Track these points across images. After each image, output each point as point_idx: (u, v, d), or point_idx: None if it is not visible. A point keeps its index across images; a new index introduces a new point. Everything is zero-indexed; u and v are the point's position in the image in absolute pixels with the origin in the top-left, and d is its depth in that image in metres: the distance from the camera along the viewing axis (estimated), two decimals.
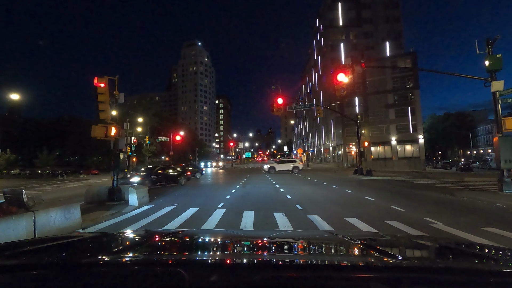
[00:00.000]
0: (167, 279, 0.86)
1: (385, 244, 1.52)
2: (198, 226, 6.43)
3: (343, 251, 1.43)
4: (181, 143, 49.90)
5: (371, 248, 1.37)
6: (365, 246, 1.38)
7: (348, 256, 1.32)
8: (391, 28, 47.73)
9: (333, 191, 12.76)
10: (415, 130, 41.23)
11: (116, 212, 8.57)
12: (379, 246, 1.39)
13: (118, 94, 10.73)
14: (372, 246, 1.41)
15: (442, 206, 8.44)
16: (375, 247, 1.37)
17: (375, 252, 1.27)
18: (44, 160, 44.02)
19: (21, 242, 1.28)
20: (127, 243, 1.54)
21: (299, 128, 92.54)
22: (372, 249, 1.33)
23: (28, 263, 1.00)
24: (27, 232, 5.10)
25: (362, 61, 14.06)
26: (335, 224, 6.24)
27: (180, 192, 13.26)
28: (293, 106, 23.42)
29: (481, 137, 70.64)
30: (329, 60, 47.36)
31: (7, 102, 45.62)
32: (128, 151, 30.99)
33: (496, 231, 5.37)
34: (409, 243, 1.61)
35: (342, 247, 1.49)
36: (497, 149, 10.25)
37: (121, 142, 11.23)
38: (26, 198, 6.57)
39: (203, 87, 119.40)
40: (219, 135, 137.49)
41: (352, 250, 1.41)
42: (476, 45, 10.68)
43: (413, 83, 42.10)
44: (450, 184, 15.29)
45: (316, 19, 60.60)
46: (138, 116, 40.93)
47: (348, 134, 42.26)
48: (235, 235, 2.06)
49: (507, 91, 10.21)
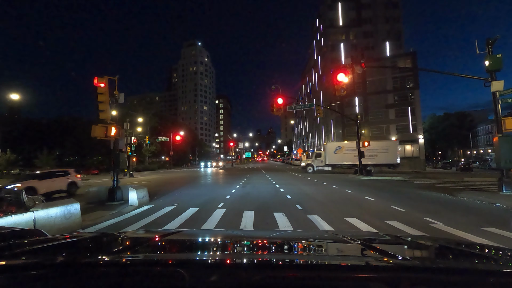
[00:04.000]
0: (167, 279, 0.86)
1: (385, 244, 1.52)
2: (198, 226, 6.43)
3: (343, 251, 1.43)
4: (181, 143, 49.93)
5: (371, 248, 1.37)
6: (365, 246, 1.38)
7: (348, 256, 1.31)
8: (391, 28, 47.72)
9: (333, 191, 12.76)
10: (415, 130, 41.23)
11: (116, 212, 8.57)
12: (379, 246, 1.39)
13: (118, 94, 10.73)
14: (372, 246, 1.41)
15: (442, 206, 8.44)
16: (375, 247, 1.37)
17: (375, 252, 1.27)
18: (44, 160, 43.99)
19: (21, 242, 1.28)
20: (127, 243, 1.54)
21: (299, 128, 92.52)
22: (372, 249, 1.33)
23: (28, 263, 1.00)
24: None
25: (362, 61, 14.05)
26: (335, 224, 6.23)
27: (180, 192, 13.26)
28: (293, 106, 23.41)
29: (481, 137, 70.64)
30: (329, 60, 47.36)
31: (7, 102, 45.61)
32: (128, 151, 31.06)
33: (496, 231, 5.37)
34: (409, 243, 1.61)
35: (342, 247, 1.49)
36: (497, 149, 10.25)
37: (121, 142, 11.23)
38: (26, 198, 6.57)
39: (203, 87, 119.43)
40: (219, 135, 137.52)
41: (352, 250, 1.41)
42: (476, 45, 10.69)
43: (413, 83, 42.12)
44: (450, 184, 15.29)
45: (316, 19, 60.59)
46: (138, 116, 40.97)
47: (348, 134, 42.26)
48: (235, 235, 2.06)
49: (507, 91, 10.20)
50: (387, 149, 28.42)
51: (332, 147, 29.08)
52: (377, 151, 28.05)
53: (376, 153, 27.97)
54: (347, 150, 28.27)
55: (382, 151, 28.15)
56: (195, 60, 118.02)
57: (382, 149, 28.31)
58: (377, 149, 28.14)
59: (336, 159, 28.68)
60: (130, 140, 30.26)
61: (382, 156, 28.03)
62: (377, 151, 28.03)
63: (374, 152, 27.81)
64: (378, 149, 28.20)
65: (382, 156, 28.03)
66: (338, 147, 29.12)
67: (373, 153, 27.73)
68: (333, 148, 29.02)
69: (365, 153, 26.63)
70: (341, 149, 28.69)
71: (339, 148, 28.86)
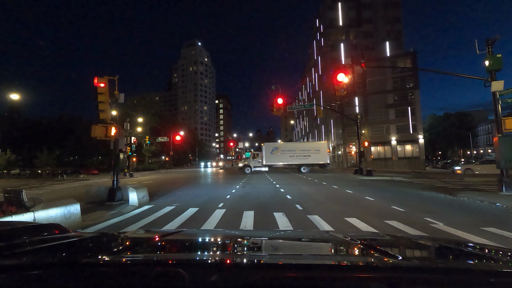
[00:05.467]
0: (167, 279, 0.86)
1: (385, 244, 1.52)
2: (198, 226, 6.43)
3: (343, 251, 1.43)
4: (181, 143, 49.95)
5: (371, 248, 1.37)
6: (365, 246, 1.38)
7: (348, 256, 1.32)
8: (391, 28, 47.74)
9: (333, 191, 12.76)
10: (415, 130, 41.25)
11: (116, 212, 8.57)
12: (379, 246, 1.39)
13: (118, 94, 10.74)
14: (372, 246, 1.41)
15: (442, 206, 8.44)
16: (375, 247, 1.37)
17: (375, 252, 1.27)
18: (44, 160, 44.06)
19: (21, 242, 1.28)
20: (127, 243, 1.54)
21: (299, 128, 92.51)
22: (372, 249, 1.33)
23: (28, 263, 1.00)
24: None
25: (362, 61, 14.06)
26: (335, 224, 6.24)
27: (180, 192, 13.27)
28: (293, 106, 23.39)
29: (481, 137, 70.70)
30: (329, 60, 47.38)
31: (7, 102, 45.63)
32: (128, 151, 31.04)
33: (496, 231, 5.37)
34: (409, 243, 1.61)
35: (342, 247, 1.49)
36: (497, 149, 10.25)
37: (121, 142, 11.23)
38: (26, 198, 6.57)
39: (203, 87, 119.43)
40: (219, 135, 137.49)
41: (352, 250, 1.41)
42: (476, 45, 10.69)
43: (413, 83, 42.13)
44: (450, 184, 15.29)
45: (316, 19, 60.62)
46: (138, 116, 40.97)
47: (348, 134, 42.29)
48: (235, 235, 2.06)
49: (507, 91, 10.20)
50: (318, 149, 28.86)
51: (269, 148, 29.13)
52: (310, 152, 28.50)
53: (309, 153, 28.42)
54: (283, 151, 28.68)
55: (315, 152, 28.56)
56: (195, 60, 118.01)
57: (315, 150, 28.77)
58: (310, 150, 28.68)
59: (273, 159, 28.83)
60: (130, 140, 30.26)
61: (315, 156, 28.39)
62: (310, 152, 28.50)
63: (307, 152, 28.36)
64: (310, 149, 28.78)
65: (314, 156, 28.40)
66: (274, 147, 29.36)
67: (306, 153, 28.33)
68: (270, 148, 29.14)
69: (299, 153, 27.97)
70: (277, 149, 28.88)
71: (275, 148, 29.08)
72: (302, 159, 28.19)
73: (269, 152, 28.66)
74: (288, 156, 28.28)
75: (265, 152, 28.71)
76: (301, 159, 28.18)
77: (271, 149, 28.98)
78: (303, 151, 28.45)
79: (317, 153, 28.51)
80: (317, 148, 29.01)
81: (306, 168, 28.05)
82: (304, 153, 28.34)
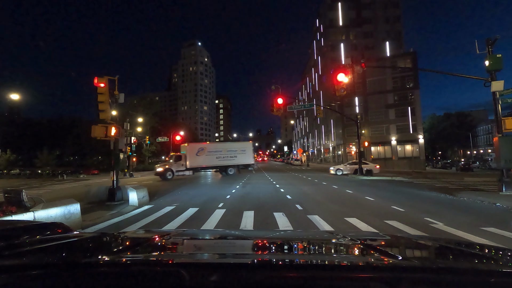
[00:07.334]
0: (167, 279, 0.86)
1: (385, 244, 1.52)
2: (198, 226, 6.43)
3: (343, 251, 1.43)
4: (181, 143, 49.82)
5: (371, 248, 1.37)
6: (365, 246, 1.38)
7: (348, 256, 1.31)
8: (391, 28, 47.75)
9: (333, 191, 12.76)
10: (415, 130, 41.23)
11: (116, 212, 8.57)
12: (379, 246, 1.39)
13: (118, 94, 10.74)
14: (372, 246, 1.41)
15: (442, 206, 8.44)
16: (375, 247, 1.37)
17: (375, 252, 1.27)
18: (44, 160, 44.04)
19: (21, 242, 1.28)
20: (127, 243, 1.54)
21: (299, 128, 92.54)
22: (372, 249, 1.33)
23: (28, 263, 1.00)
24: None
25: (362, 61, 14.05)
26: (335, 224, 6.24)
27: (180, 192, 13.27)
28: (293, 106, 23.39)
29: (481, 137, 70.65)
30: (329, 60, 47.39)
31: (7, 102, 45.64)
32: (128, 151, 31.06)
33: (496, 231, 5.37)
34: (409, 243, 1.61)
35: (342, 247, 1.49)
36: (497, 149, 10.25)
37: (121, 142, 11.23)
38: (26, 198, 6.57)
39: (203, 87, 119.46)
40: (219, 135, 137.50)
41: (352, 250, 1.41)
42: (476, 45, 10.69)
43: (413, 83, 42.12)
44: (450, 184, 15.29)
45: (316, 19, 60.63)
46: (138, 116, 40.95)
47: (348, 134, 42.27)
48: (235, 235, 2.06)
49: (507, 91, 10.21)
50: (244, 150, 27.57)
51: (194, 149, 26.14)
52: (237, 152, 27.04)
53: (236, 154, 26.96)
54: (210, 152, 26.21)
55: (241, 152, 27.19)
56: (195, 60, 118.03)
57: (241, 150, 27.35)
58: (236, 150, 27.21)
59: (198, 161, 25.85)
60: (130, 140, 30.24)
61: (241, 157, 27.11)
62: (236, 152, 27.05)
63: (234, 153, 26.94)
64: (237, 150, 27.30)
65: (240, 157, 27.08)
66: (200, 148, 26.57)
67: (233, 154, 26.87)
68: (195, 149, 26.27)
69: (226, 154, 26.55)
70: (203, 150, 26.21)
71: (201, 149, 26.32)
72: (229, 160, 26.49)
73: (194, 154, 25.62)
74: (215, 158, 25.98)
75: (189, 153, 25.46)
76: (228, 160, 26.42)
77: (197, 150, 26.01)
78: (230, 152, 26.63)
79: (243, 153, 27.14)
80: (243, 149, 27.55)
81: (232, 169, 26.54)
82: (231, 154, 26.64)
